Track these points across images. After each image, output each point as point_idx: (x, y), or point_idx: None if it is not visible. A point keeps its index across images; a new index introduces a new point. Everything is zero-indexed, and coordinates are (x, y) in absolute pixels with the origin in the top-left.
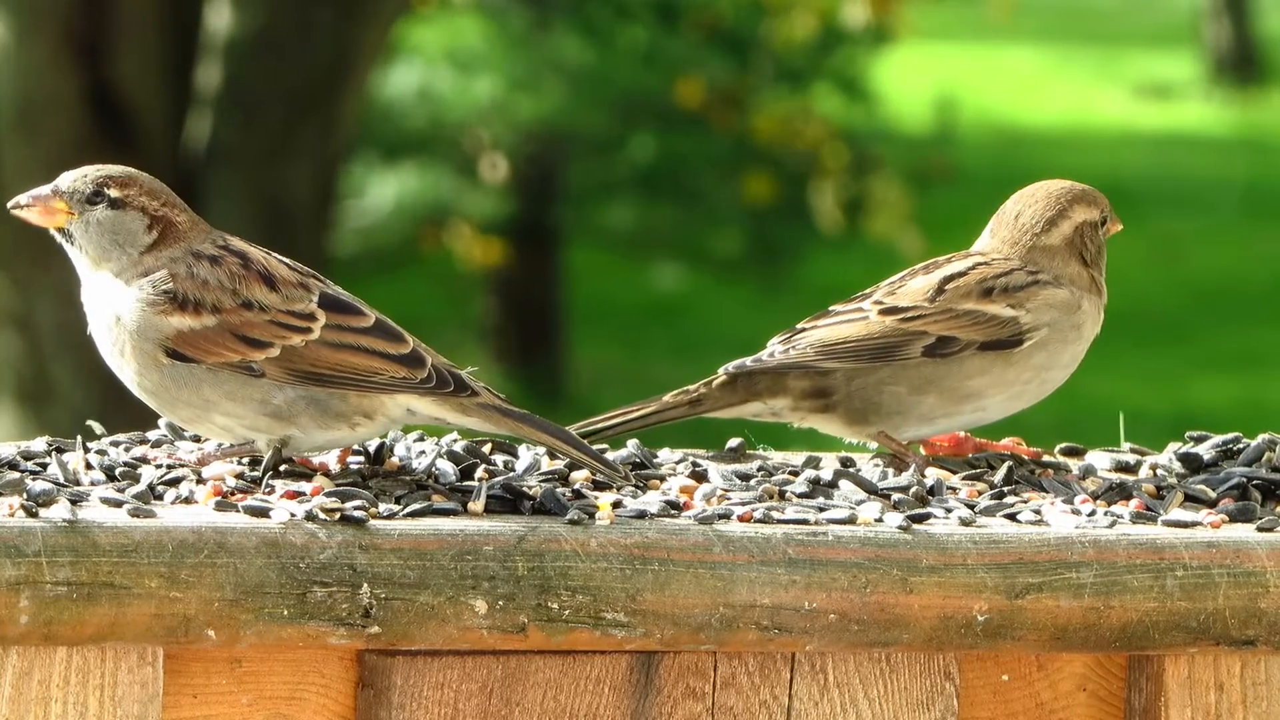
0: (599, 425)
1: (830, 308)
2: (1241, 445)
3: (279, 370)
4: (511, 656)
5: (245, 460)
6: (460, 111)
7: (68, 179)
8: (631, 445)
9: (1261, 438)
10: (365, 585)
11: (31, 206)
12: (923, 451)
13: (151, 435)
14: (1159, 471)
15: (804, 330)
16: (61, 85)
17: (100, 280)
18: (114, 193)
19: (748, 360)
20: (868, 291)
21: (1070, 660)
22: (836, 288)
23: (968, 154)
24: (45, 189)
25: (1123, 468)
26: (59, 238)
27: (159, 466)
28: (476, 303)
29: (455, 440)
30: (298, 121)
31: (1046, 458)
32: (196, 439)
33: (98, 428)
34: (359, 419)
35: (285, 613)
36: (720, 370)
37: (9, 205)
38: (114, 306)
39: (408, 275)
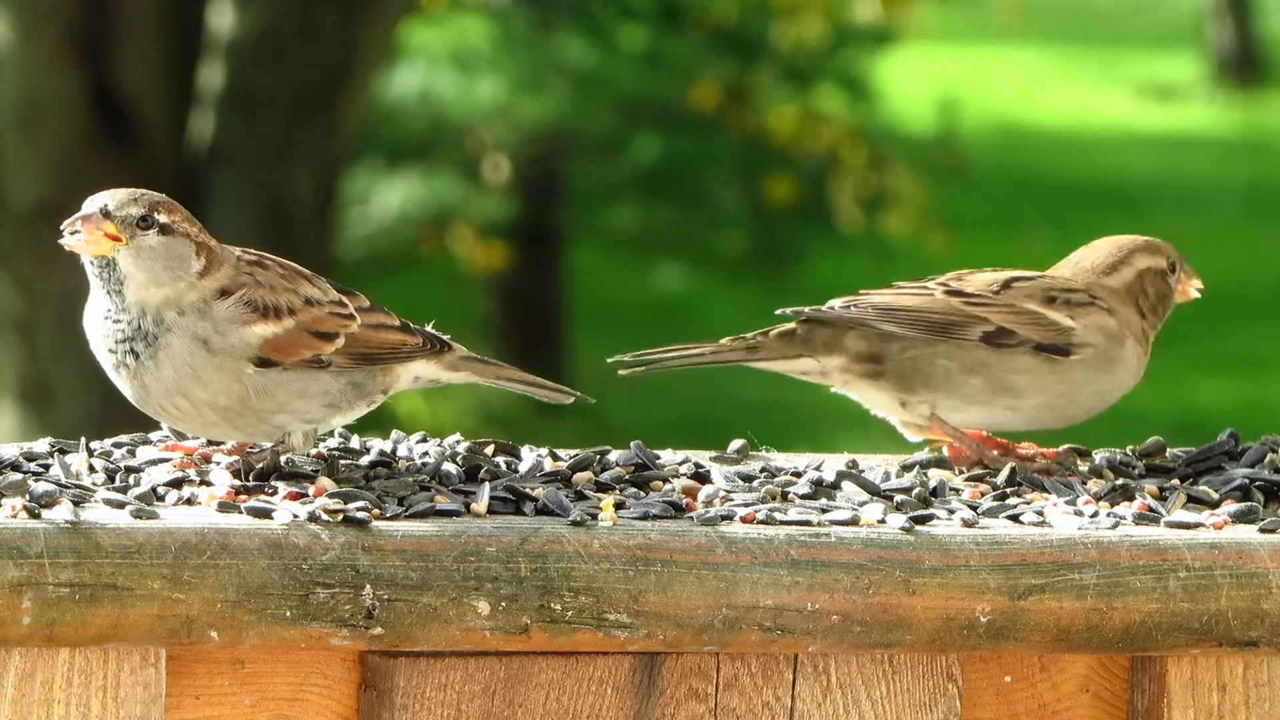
0: (655, 356)
1: (894, 283)
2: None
3: (343, 358)
4: (514, 658)
5: (247, 461)
6: (463, 113)
7: (114, 200)
8: (634, 446)
9: (1263, 439)
10: (368, 586)
11: (80, 232)
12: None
13: (154, 436)
14: (1134, 470)
15: (867, 294)
16: (63, 85)
17: (148, 308)
18: (163, 218)
19: (807, 309)
20: (930, 278)
21: (1073, 661)
22: (840, 289)
23: (971, 154)
24: (93, 209)
25: (1121, 468)
26: (91, 263)
27: (161, 467)
28: (479, 304)
29: (459, 441)
30: (300, 122)
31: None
32: (210, 443)
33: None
34: (378, 395)
35: (288, 614)
36: (778, 312)
37: (65, 236)
38: (189, 332)
39: (410, 276)
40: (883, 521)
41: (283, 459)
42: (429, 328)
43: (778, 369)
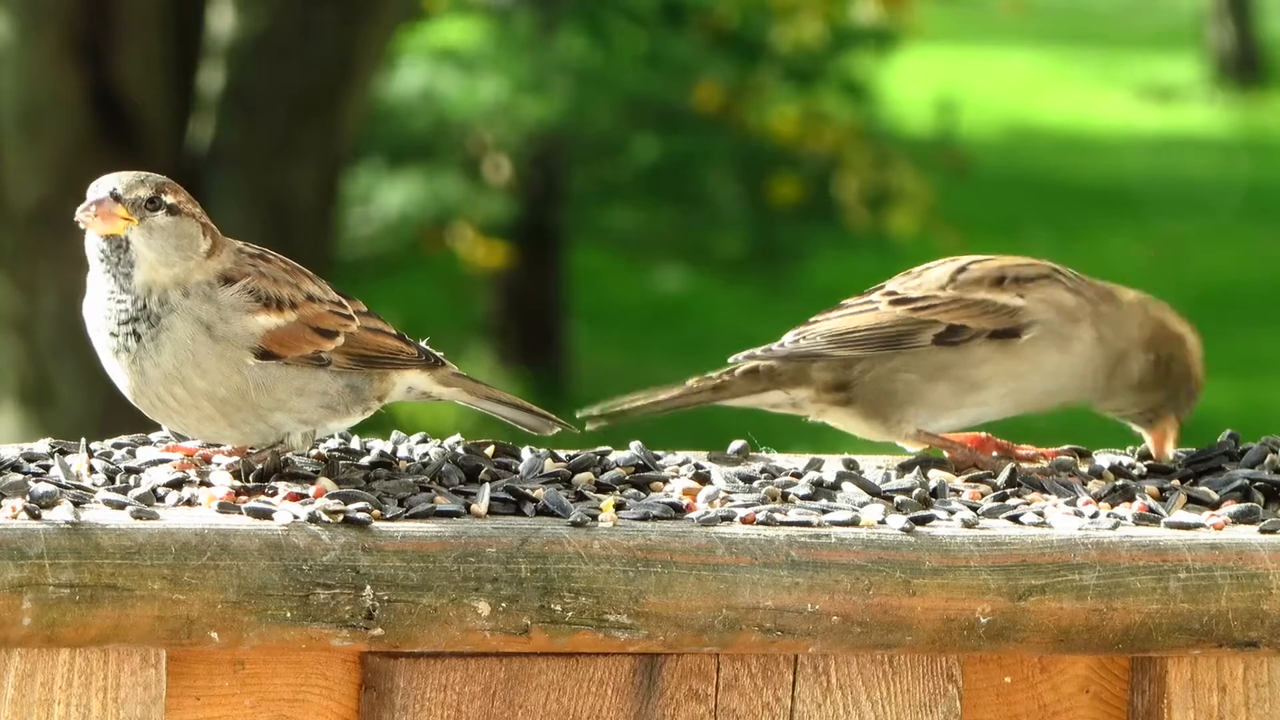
0: (625, 406)
1: (842, 302)
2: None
3: (342, 358)
4: (514, 658)
5: (248, 462)
6: (464, 113)
7: (122, 183)
8: (634, 447)
9: (1263, 440)
10: (368, 587)
11: (94, 214)
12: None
13: (154, 437)
14: (1135, 472)
15: (816, 322)
16: (64, 86)
17: (155, 289)
18: (170, 199)
19: (758, 350)
20: (883, 283)
21: (1073, 662)
22: (840, 289)
23: (972, 154)
24: (102, 193)
25: (1121, 469)
26: (100, 248)
27: (162, 468)
28: (479, 304)
29: (459, 442)
30: (301, 123)
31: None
32: (212, 445)
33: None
34: (373, 402)
35: (288, 615)
36: (730, 359)
37: (77, 218)
38: (193, 315)
39: (410, 276)
40: (883, 522)
41: (283, 459)
42: (423, 344)
43: (749, 404)
